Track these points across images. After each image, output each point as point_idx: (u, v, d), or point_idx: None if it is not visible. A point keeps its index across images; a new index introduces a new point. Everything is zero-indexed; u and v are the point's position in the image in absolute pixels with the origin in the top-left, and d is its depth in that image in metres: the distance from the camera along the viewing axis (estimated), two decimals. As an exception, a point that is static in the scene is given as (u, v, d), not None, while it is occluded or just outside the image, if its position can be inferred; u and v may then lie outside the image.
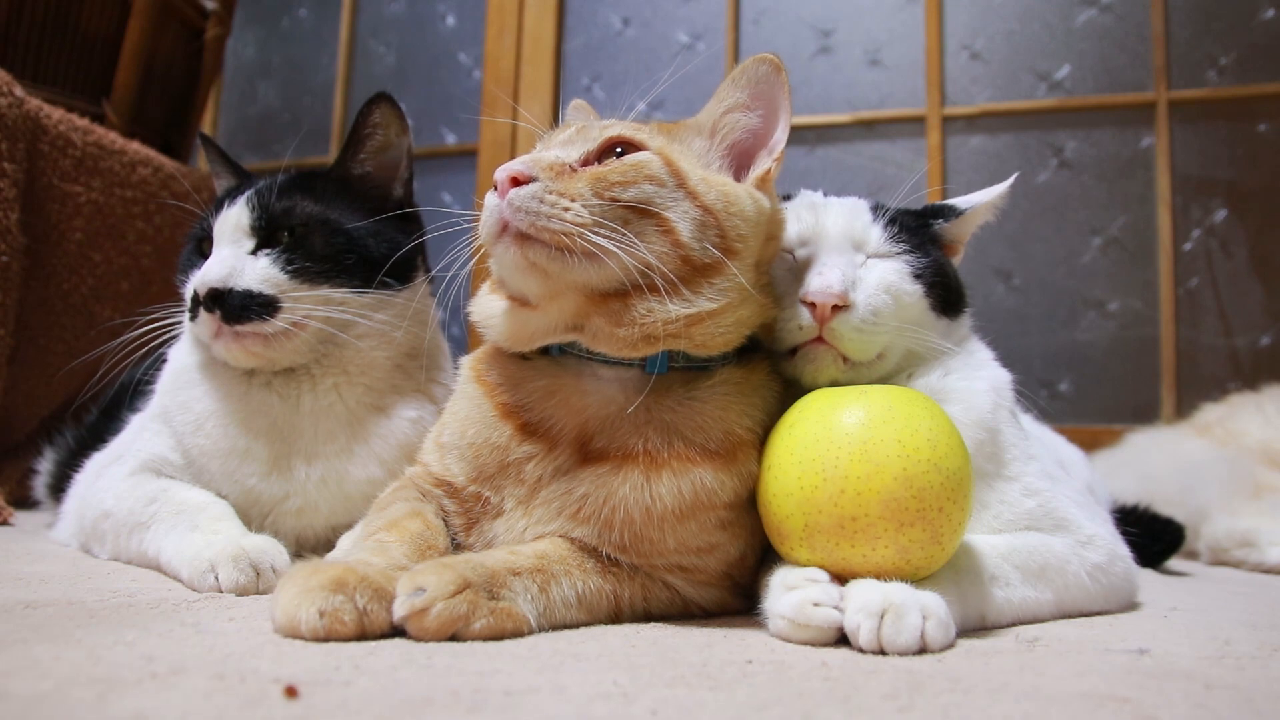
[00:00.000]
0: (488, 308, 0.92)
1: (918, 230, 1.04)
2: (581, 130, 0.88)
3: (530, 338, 0.87)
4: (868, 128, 2.88)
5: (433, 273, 1.23)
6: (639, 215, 0.81)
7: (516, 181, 0.79)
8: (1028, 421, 1.20)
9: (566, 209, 0.78)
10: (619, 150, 0.85)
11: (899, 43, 2.88)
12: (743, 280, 0.84)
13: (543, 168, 0.81)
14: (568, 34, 3.17)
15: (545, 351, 0.90)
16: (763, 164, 0.92)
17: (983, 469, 0.94)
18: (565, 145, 0.87)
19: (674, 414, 0.84)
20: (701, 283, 0.83)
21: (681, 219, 0.82)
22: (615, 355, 0.84)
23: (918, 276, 0.99)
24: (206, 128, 3.41)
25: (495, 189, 0.81)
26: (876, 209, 1.04)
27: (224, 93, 3.57)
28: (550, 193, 0.79)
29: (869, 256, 1.00)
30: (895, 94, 2.87)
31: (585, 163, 0.85)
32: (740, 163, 0.93)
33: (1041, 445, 1.09)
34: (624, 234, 0.79)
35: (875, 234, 1.01)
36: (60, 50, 2.02)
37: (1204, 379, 2.56)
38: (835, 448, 0.79)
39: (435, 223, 1.32)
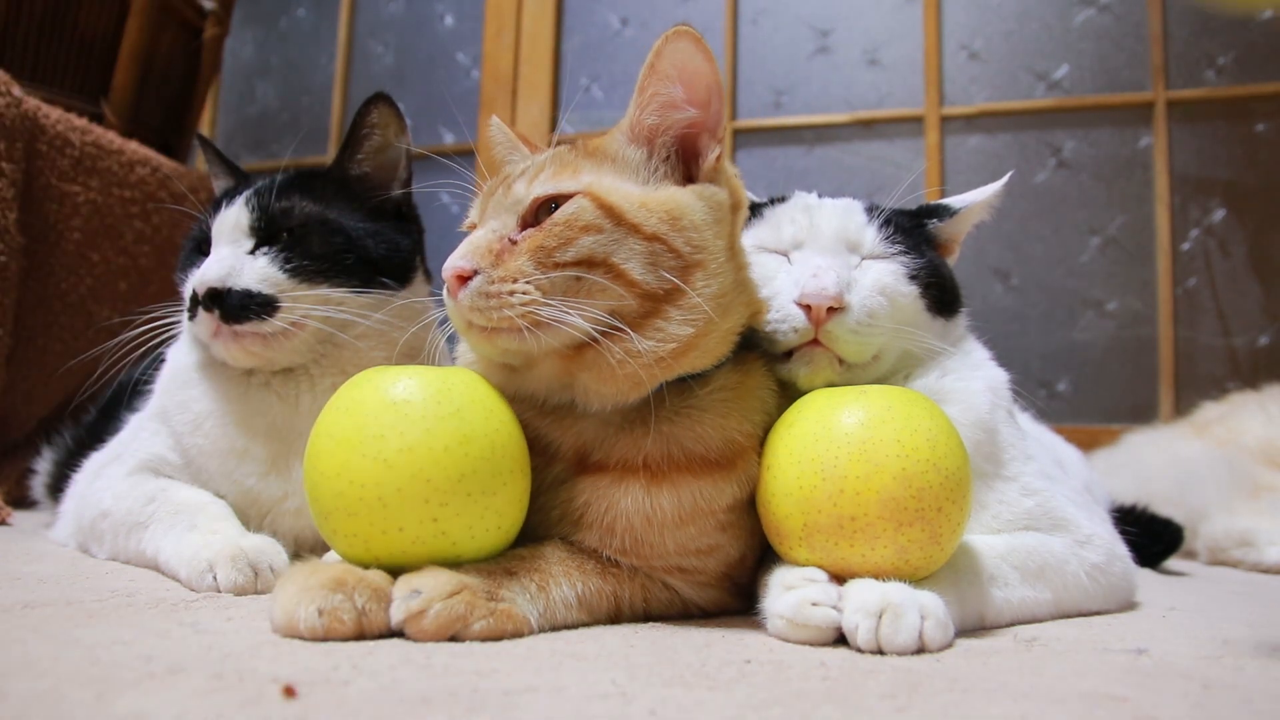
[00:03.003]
0: (472, 355, 0.92)
1: (912, 231, 1.04)
2: (509, 189, 0.86)
3: (516, 394, 0.86)
4: (866, 127, 2.88)
5: (431, 274, 1.23)
6: (587, 267, 0.79)
7: (463, 277, 0.79)
8: (1025, 421, 1.20)
9: (511, 292, 0.78)
10: (553, 205, 0.82)
11: (897, 42, 2.88)
12: (714, 288, 0.82)
13: (481, 254, 0.80)
14: (566, 34, 3.17)
15: None
16: (712, 152, 0.88)
17: (981, 469, 0.94)
18: (499, 211, 0.85)
19: (672, 424, 0.84)
20: (669, 309, 0.81)
21: (629, 258, 0.80)
22: (612, 405, 0.84)
23: (913, 277, 0.99)
24: (205, 127, 3.40)
25: (447, 290, 0.81)
26: (871, 210, 1.04)
27: (222, 92, 3.57)
28: (493, 282, 0.79)
29: (864, 258, 1.00)
30: (894, 94, 2.87)
31: (525, 225, 0.83)
32: (688, 153, 0.89)
33: (1039, 445, 1.09)
34: (574, 298, 0.78)
35: (870, 235, 1.01)
36: (59, 50, 2.02)
37: (1202, 379, 2.56)
38: (834, 447, 0.79)
39: (434, 223, 1.32)
